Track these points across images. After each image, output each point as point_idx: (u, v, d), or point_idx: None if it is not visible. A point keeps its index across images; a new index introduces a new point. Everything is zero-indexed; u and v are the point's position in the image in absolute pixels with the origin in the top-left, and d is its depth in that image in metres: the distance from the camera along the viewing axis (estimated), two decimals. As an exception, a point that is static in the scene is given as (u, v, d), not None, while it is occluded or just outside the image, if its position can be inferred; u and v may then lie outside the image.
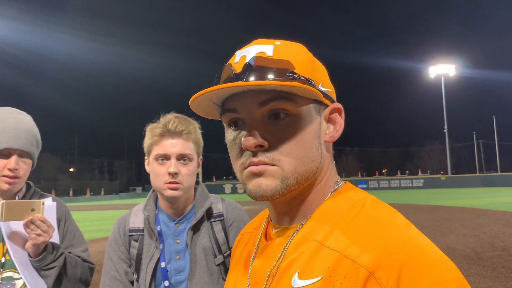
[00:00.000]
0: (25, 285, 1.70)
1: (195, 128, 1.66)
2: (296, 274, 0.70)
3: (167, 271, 1.59)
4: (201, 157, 1.73)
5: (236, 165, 0.78)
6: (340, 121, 0.81)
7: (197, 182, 1.77)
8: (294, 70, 0.73)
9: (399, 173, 76.14)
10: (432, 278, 0.61)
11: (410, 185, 53.80)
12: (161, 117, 1.66)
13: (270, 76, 0.71)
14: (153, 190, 1.72)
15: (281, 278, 0.73)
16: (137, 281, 1.60)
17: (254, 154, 0.74)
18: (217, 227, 1.67)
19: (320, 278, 0.67)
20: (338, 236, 0.70)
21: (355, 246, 0.66)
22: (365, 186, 55.31)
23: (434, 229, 11.84)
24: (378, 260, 0.63)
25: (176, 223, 1.65)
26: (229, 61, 0.79)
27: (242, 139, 0.74)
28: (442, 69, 70.79)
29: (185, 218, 1.67)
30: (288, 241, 0.76)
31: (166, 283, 1.58)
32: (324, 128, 0.79)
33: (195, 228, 1.64)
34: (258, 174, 0.74)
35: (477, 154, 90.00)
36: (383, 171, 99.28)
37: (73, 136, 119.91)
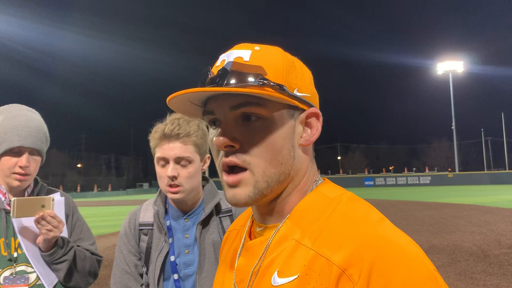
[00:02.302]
0: (38, 279, 1.74)
1: (196, 129, 1.64)
2: (276, 272, 0.73)
3: (176, 265, 1.63)
4: (209, 155, 1.74)
5: (217, 165, 0.82)
6: (317, 125, 0.82)
7: (206, 179, 1.80)
8: (265, 76, 0.75)
9: (406, 170, 75.96)
10: (402, 273, 0.63)
11: (417, 182, 53.60)
12: (167, 117, 1.67)
13: (243, 82, 0.74)
14: None
15: (262, 277, 0.75)
16: (147, 274, 1.64)
17: (227, 154, 0.77)
18: (226, 222, 1.70)
19: (297, 276, 0.69)
20: (314, 234, 0.72)
21: (329, 245, 0.68)
22: (371, 183, 55.24)
23: (441, 227, 11.82)
24: (349, 258, 0.65)
25: (185, 218, 1.69)
26: (214, 64, 0.81)
27: (214, 138, 0.77)
28: (450, 66, 70.23)
29: (194, 213, 1.70)
30: (269, 240, 0.78)
31: (175, 276, 1.61)
32: (300, 131, 0.81)
33: (204, 223, 1.68)
34: (233, 186, 0.77)
35: (485, 151, 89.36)
36: (390, 168, 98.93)
37: (81, 132, 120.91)
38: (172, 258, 1.63)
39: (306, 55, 0.79)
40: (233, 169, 0.78)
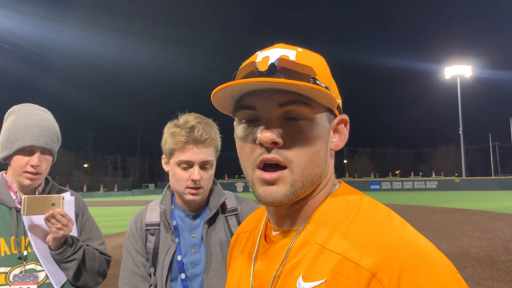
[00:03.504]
0: (47, 277, 1.75)
1: (216, 132, 1.68)
2: (301, 277, 0.73)
3: (183, 264, 1.63)
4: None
5: (248, 162, 0.79)
6: (345, 132, 0.84)
7: None
8: (315, 77, 0.76)
9: (412, 174, 75.48)
10: (430, 275, 0.65)
11: (424, 187, 53.34)
12: (179, 116, 1.67)
13: (295, 78, 0.73)
14: (169, 186, 1.77)
15: (286, 281, 0.76)
16: (154, 274, 1.65)
17: (268, 151, 0.76)
18: (232, 221, 1.73)
19: (324, 280, 0.70)
20: (339, 239, 0.72)
21: (357, 249, 0.69)
22: (377, 187, 54.97)
23: (448, 232, 11.74)
24: (379, 261, 0.66)
25: (191, 218, 1.70)
26: (250, 60, 0.81)
27: (259, 134, 0.75)
28: (458, 70, 70.06)
29: (200, 212, 1.71)
30: (290, 244, 0.78)
31: (183, 275, 1.62)
32: (331, 136, 0.83)
33: (211, 222, 1.69)
34: (271, 183, 0.76)
35: (493, 156, 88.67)
36: (396, 172, 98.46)
37: (87, 132, 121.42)
38: (179, 257, 1.63)
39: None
40: (268, 166, 0.77)
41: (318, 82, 0.75)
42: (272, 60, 0.77)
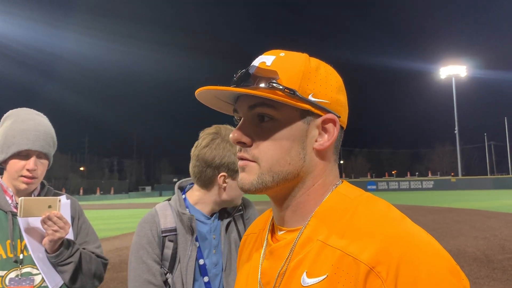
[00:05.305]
0: (43, 281, 1.75)
1: None
2: (305, 273, 0.75)
3: (206, 266, 1.65)
4: None
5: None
6: (333, 131, 0.82)
7: None
8: (277, 80, 0.78)
9: (408, 174, 75.69)
10: (428, 268, 0.66)
11: (420, 186, 53.51)
12: (223, 130, 1.69)
13: (257, 84, 0.79)
14: (178, 190, 1.78)
15: (291, 278, 0.78)
16: (172, 280, 1.61)
17: (240, 149, 0.84)
18: (239, 220, 1.80)
19: (326, 276, 0.72)
20: (339, 234, 0.75)
21: (355, 244, 0.71)
22: (374, 187, 55.09)
23: (444, 231, 11.78)
24: (377, 255, 0.68)
25: (212, 220, 1.73)
26: None
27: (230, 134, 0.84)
28: (453, 70, 70.20)
29: (216, 214, 1.75)
30: (294, 242, 0.80)
31: (206, 278, 1.63)
32: (314, 135, 0.82)
33: (227, 223, 1.75)
34: (242, 169, 0.83)
35: (488, 156, 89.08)
36: (393, 172, 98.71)
37: (84, 135, 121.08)
38: (201, 261, 1.64)
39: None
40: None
41: (275, 85, 0.77)
42: (251, 66, 0.82)
